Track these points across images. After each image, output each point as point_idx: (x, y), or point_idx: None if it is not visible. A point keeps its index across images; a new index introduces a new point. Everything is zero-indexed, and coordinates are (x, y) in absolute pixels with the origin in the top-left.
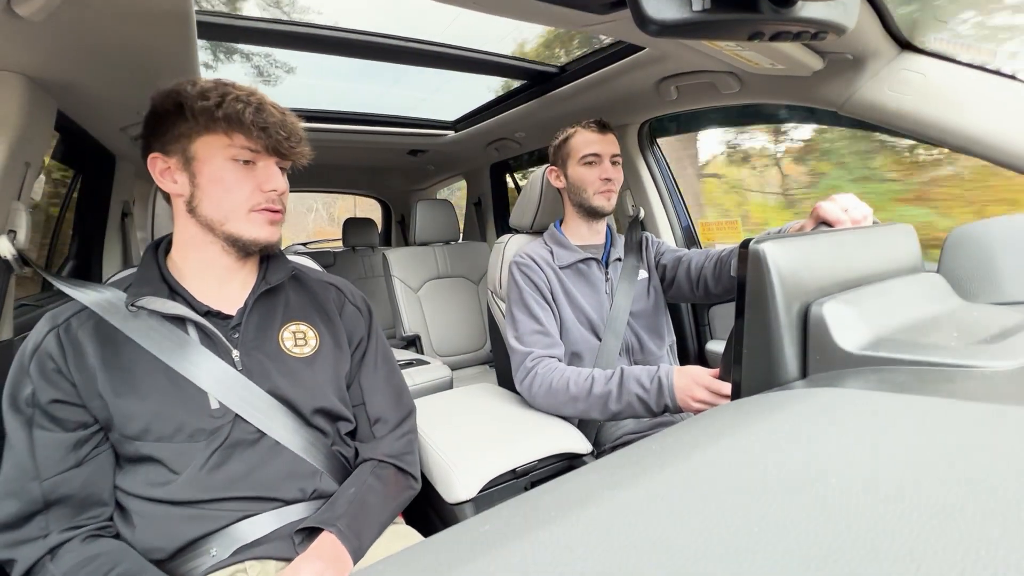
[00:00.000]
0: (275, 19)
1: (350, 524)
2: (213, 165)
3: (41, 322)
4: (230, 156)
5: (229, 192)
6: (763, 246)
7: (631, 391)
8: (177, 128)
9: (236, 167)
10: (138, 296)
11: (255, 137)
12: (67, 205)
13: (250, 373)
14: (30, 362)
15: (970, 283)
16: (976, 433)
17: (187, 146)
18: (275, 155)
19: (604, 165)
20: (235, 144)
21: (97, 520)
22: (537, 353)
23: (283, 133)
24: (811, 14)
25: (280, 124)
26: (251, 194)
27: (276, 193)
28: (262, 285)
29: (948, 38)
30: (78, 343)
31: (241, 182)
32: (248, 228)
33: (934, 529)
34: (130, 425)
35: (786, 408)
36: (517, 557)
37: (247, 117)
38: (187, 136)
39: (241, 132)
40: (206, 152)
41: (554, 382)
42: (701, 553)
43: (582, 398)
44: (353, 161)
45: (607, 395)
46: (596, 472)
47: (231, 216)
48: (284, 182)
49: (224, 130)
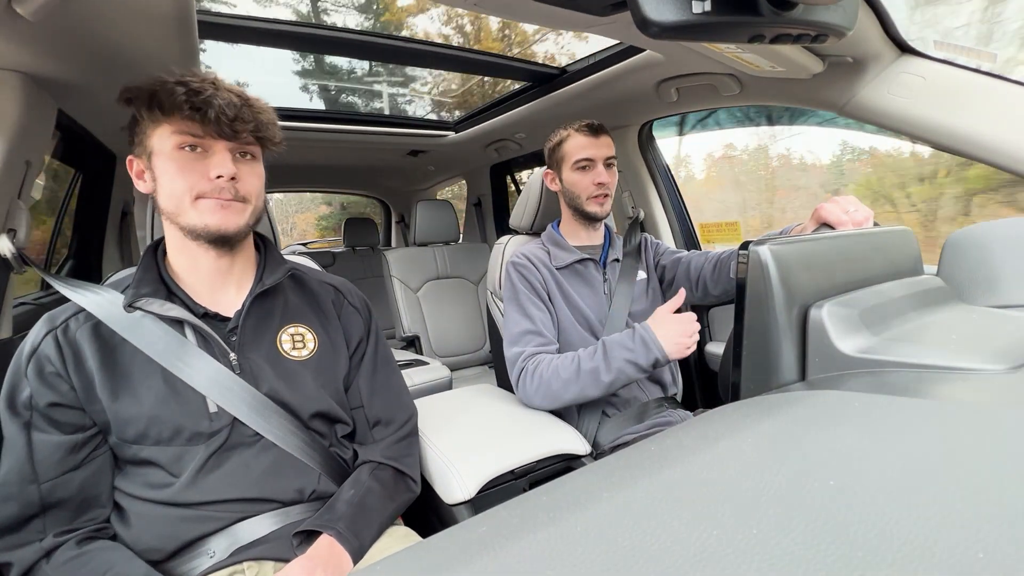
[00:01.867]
0: (275, 19)
1: (349, 526)
2: (163, 156)
3: (39, 324)
4: (175, 144)
5: (174, 181)
6: (763, 248)
7: (618, 357)
8: (138, 125)
9: (182, 155)
10: (136, 298)
11: (195, 120)
12: (67, 204)
13: (247, 376)
14: (27, 365)
15: (969, 286)
16: (974, 436)
17: (146, 142)
18: (222, 138)
19: (597, 169)
20: (177, 130)
21: (94, 522)
22: (528, 352)
23: (229, 113)
24: (811, 17)
25: (228, 104)
26: (196, 182)
27: (224, 180)
28: (258, 287)
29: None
30: (76, 346)
31: (185, 170)
32: (196, 216)
33: (933, 530)
34: (128, 429)
35: (785, 410)
36: (514, 559)
37: (179, 98)
38: (145, 132)
39: (178, 115)
40: (159, 144)
41: (544, 374)
42: (700, 554)
43: (574, 379)
44: (353, 161)
45: (596, 368)
46: (594, 473)
47: (180, 207)
48: (233, 167)
49: (164, 119)
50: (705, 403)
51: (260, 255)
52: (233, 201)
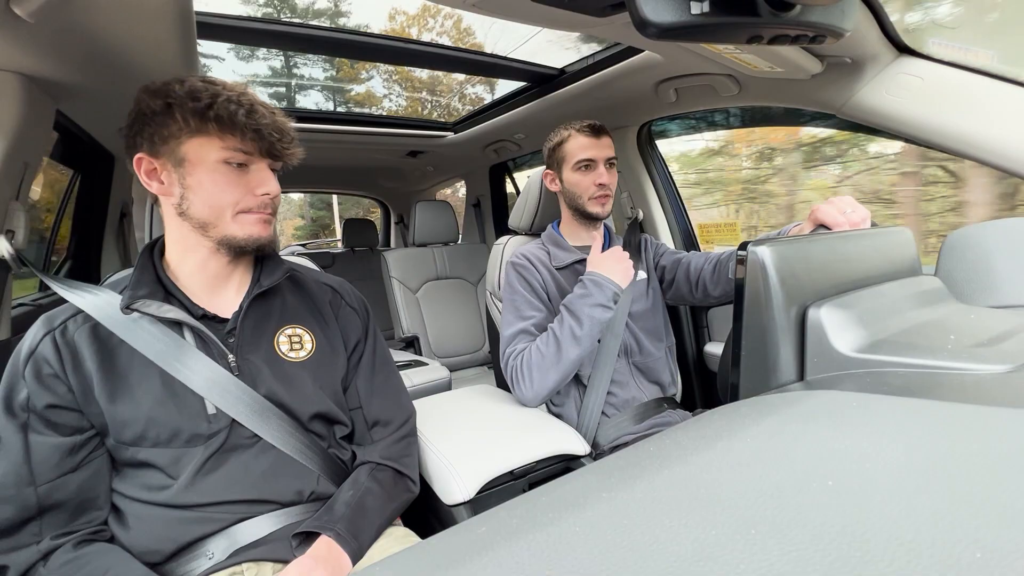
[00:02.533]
0: (275, 20)
1: (348, 527)
2: (204, 167)
3: (36, 325)
4: (222, 158)
5: (220, 195)
6: (761, 249)
7: (582, 307)
8: (166, 129)
9: (228, 170)
10: (134, 299)
11: (248, 139)
12: (65, 205)
13: (246, 377)
14: (25, 366)
15: (967, 286)
16: (972, 436)
17: (176, 148)
18: (268, 157)
19: (599, 170)
20: (228, 146)
21: (91, 525)
22: (516, 350)
23: (276, 134)
24: (809, 18)
25: (272, 126)
26: (242, 197)
27: (268, 197)
28: (256, 288)
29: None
30: (75, 347)
31: (232, 185)
32: (238, 228)
33: (931, 530)
34: (126, 431)
35: (783, 411)
36: (513, 559)
37: (240, 119)
38: (176, 137)
39: (233, 134)
40: (197, 154)
41: (529, 359)
42: (698, 555)
43: (555, 350)
44: (352, 162)
45: (570, 329)
46: (593, 474)
47: (219, 219)
48: (276, 185)
49: (216, 132)
50: (704, 403)
51: (257, 257)
52: (271, 215)
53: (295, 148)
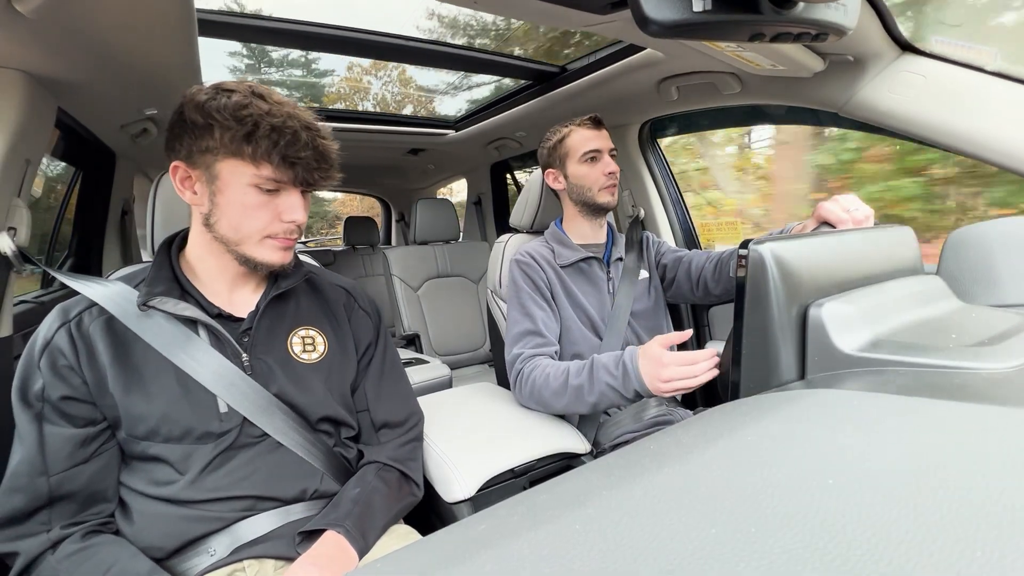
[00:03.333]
0: (276, 17)
1: (356, 524)
2: (235, 189)
3: (51, 315)
4: (254, 184)
5: (247, 218)
6: (763, 247)
7: (601, 380)
8: (204, 142)
9: (258, 194)
10: (151, 296)
11: (283, 169)
12: (67, 202)
13: (258, 377)
14: (40, 356)
15: (969, 285)
16: (974, 435)
17: (212, 164)
18: (302, 185)
19: (606, 159)
20: (261, 175)
21: (99, 516)
22: (526, 354)
23: (314, 164)
24: (812, 15)
25: (312, 157)
26: (269, 223)
27: (295, 224)
28: (274, 290)
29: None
30: (89, 339)
31: (261, 209)
32: (261, 252)
33: (931, 529)
34: (139, 426)
35: (784, 409)
36: (514, 556)
37: (279, 151)
38: (213, 154)
39: (269, 164)
40: (230, 175)
41: (537, 380)
42: (698, 552)
43: (561, 392)
44: (353, 160)
45: (581, 387)
46: (594, 472)
47: (246, 240)
48: (304, 214)
49: (250, 159)
50: (705, 402)
51: None
52: (295, 240)
53: (334, 173)
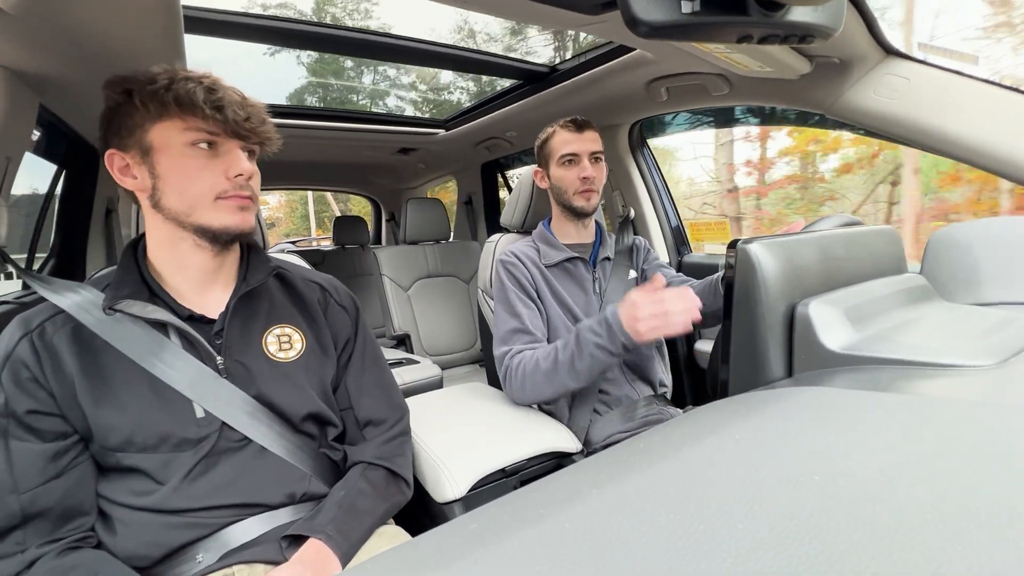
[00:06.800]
0: (265, 15)
1: (339, 528)
2: (172, 153)
3: (11, 327)
4: (188, 141)
5: (192, 180)
6: (751, 246)
7: (588, 342)
8: (130, 119)
9: (197, 153)
10: (116, 299)
11: (211, 118)
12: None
13: (235, 379)
14: (2, 370)
15: (952, 284)
16: (957, 431)
17: (142, 137)
18: (236, 138)
19: (583, 164)
20: (191, 127)
21: (78, 531)
22: (514, 350)
23: (241, 113)
24: (798, 18)
25: (238, 104)
26: (216, 181)
27: (243, 178)
28: (242, 287)
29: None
30: (54, 350)
31: (203, 169)
32: (216, 217)
33: (914, 524)
34: (111, 436)
35: (771, 407)
36: (505, 555)
37: (199, 96)
38: (140, 126)
39: (195, 114)
40: (162, 140)
41: (527, 368)
42: (687, 549)
43: (552, 370)
44: (343, 159)
45: (571, 357)
46: (584, 471)
47: (196, 206)
48: (250, 165)
49: (178, 114)
50: (694, 400)
51: (243, 254)
52: (250, 200)
53: (267, 129)
